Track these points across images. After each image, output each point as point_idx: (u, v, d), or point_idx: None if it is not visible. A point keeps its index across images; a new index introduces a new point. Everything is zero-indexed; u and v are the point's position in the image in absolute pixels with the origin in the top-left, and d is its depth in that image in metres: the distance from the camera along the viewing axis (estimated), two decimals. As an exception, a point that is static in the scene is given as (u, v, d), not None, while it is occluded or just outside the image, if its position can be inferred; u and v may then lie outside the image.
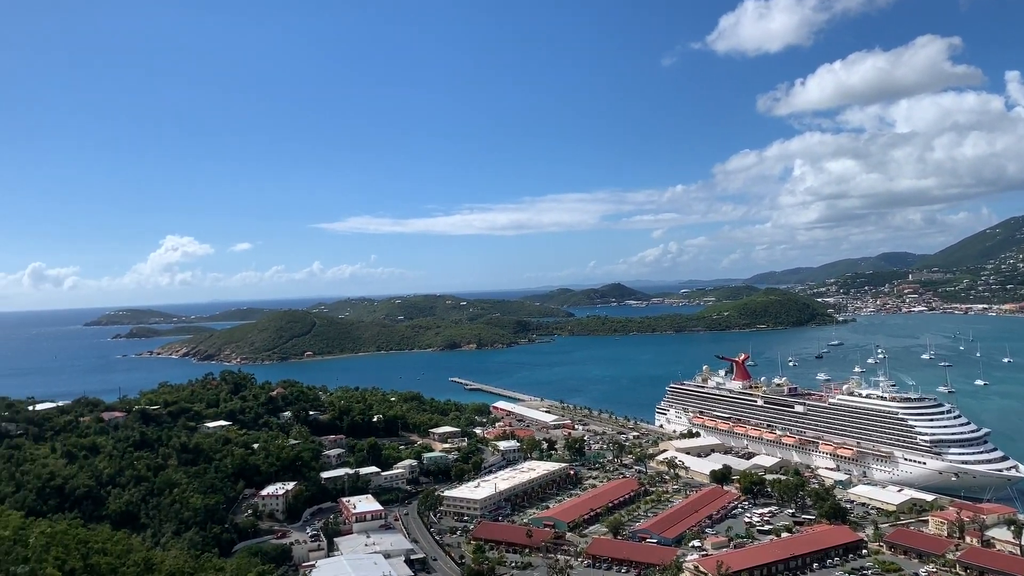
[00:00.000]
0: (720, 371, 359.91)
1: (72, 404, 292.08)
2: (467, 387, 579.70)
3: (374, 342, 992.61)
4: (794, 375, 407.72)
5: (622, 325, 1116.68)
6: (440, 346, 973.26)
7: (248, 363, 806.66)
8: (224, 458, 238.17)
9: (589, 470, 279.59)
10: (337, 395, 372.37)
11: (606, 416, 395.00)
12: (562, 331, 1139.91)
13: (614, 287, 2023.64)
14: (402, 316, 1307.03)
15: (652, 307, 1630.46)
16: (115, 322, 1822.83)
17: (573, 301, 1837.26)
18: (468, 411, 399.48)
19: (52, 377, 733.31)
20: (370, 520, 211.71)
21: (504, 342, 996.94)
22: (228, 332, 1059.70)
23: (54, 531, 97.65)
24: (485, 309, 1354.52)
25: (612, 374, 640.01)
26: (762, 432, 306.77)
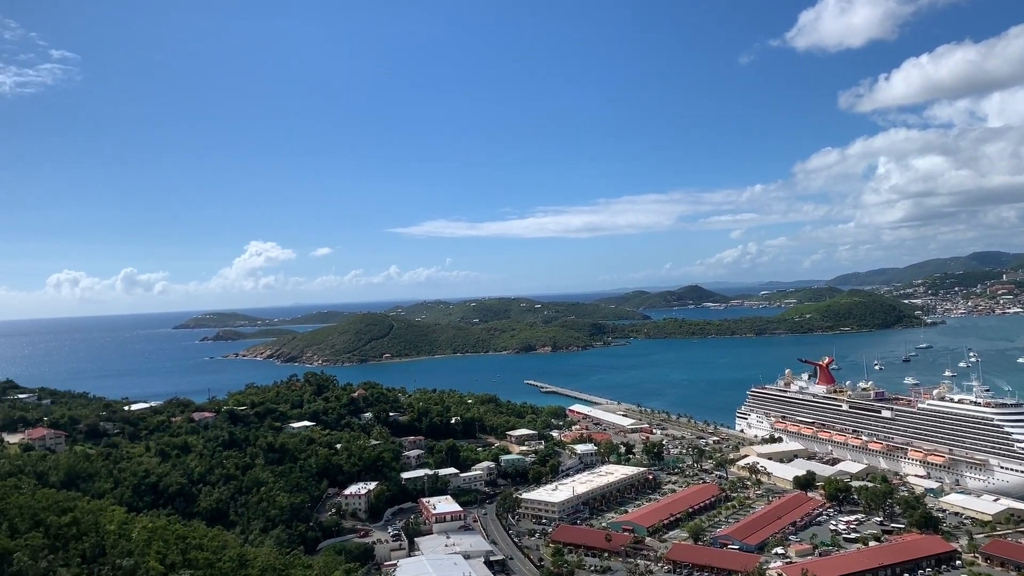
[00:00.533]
0: (803, 375, 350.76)
1: (164, 405, 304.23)
2: (542, 390, 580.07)
3: (450, 344, 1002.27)
4: (880, 379, 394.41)
5: (700, 328, 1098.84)
6: (515, 349, 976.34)
7: (329, 365, 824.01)
8: (308, 458, 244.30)
9: (668, 475, 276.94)
10: (415, 397, 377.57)
11: (685, 420, 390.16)
12: (638, 334, 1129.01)
13: (691, 289, 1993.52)
14: (477, 319, 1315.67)
15: (731, 309, 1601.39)
16: (202, 325, 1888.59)
17: (649, 303, 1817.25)
18: (544, 414, 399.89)
19: (144, 378, 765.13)
20: (450, 521, 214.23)
21: (579, 345, 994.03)
22: (310, 335, 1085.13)
23: (155, 526, 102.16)
24: (560, 312, 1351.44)
25: (690, 377, 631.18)
26: (847, 438, 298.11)
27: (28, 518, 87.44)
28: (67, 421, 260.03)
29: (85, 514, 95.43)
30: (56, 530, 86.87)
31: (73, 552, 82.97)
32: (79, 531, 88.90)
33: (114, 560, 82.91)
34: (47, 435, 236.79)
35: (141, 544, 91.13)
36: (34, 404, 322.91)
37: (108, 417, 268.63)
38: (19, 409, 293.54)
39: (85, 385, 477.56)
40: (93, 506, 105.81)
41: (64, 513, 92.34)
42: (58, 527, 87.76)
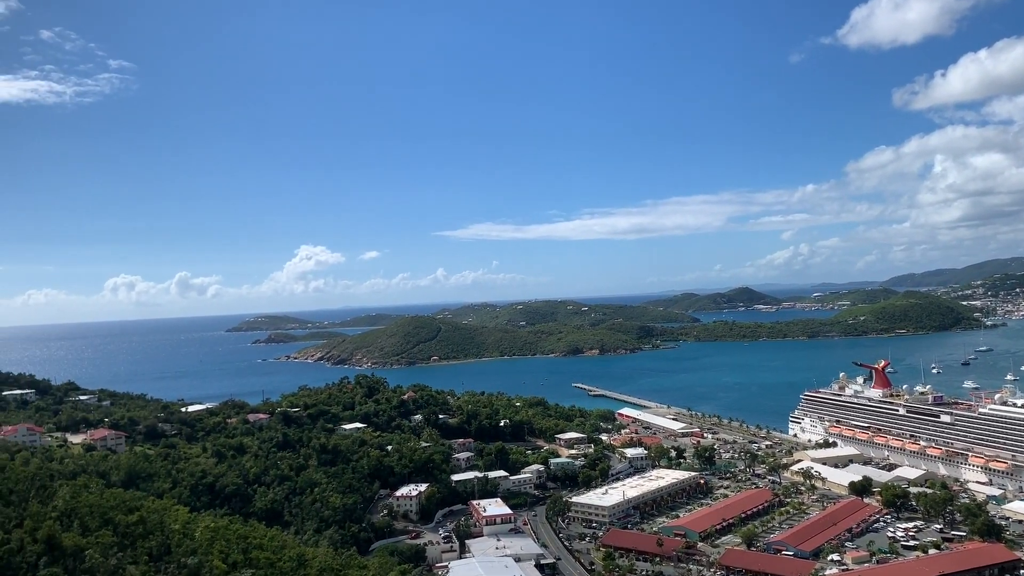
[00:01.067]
0: (858, 378, 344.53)
1: (220, 406, 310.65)
2: (590, 393, 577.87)
3: (497, 347, 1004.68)
4: (938, 383, 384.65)
5: (751, 330, 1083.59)
6: (562, 351, 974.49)
7: (378, 367, 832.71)
8: (360, 459, 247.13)
9: (720, 479, 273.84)
10: (464, 399, 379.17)
11: (736, 424, 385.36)
12: (687, 336, 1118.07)
13: (742, 291, 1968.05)
14: (524, 321, 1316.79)
15: (782, 312, 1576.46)
16: (254, 328, 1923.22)
17: (698, 306, 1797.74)
18: (593, 417, 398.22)
19: (199, 380, 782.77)
20: (500, 523, 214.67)
21: (627, 348, 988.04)
22: (359, 337, 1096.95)
23: (217, 526, 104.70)
24: (607, 314, 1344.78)
25: (741, 381, 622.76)
26: (904, 443, 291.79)
27: (98, 516, 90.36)
28: (127, 422, 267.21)
29: (151, 513, 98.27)
30: (124, 528, 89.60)
31: (141, 550, 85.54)
32: (145, 530, 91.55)
33: (179, 558, 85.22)
34: (108, 436, 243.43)
35: (204, 543, 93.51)
36: (95, 405, 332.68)
37: (166, 418, 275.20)
38: (81, 410, 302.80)
39: (143, 387, 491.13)
40: (158, 505, 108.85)
41: (131, 512, 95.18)
42: (126, 526, 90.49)
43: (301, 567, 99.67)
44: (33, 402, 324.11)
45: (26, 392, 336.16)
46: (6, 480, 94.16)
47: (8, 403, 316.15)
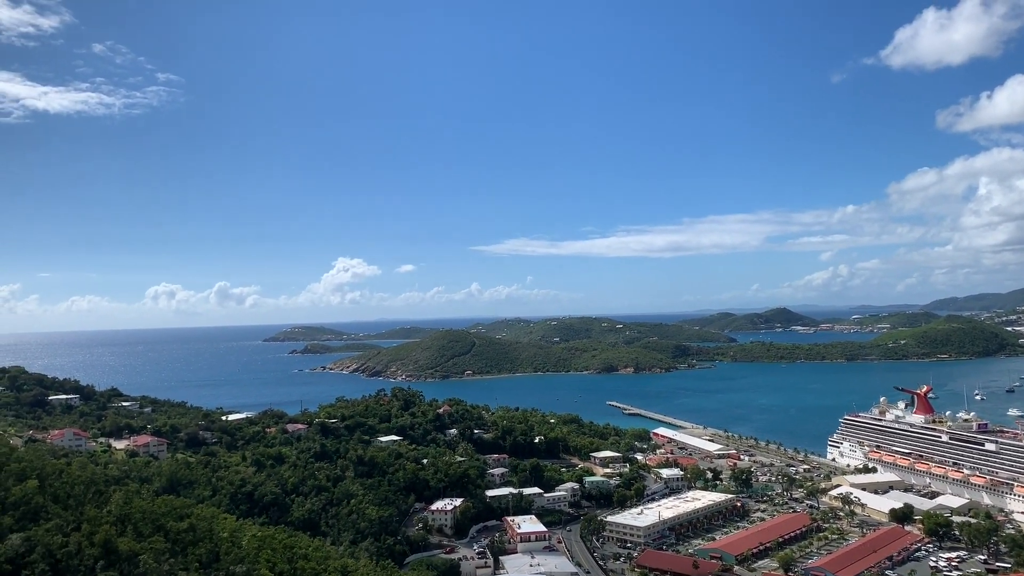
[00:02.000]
0: (899, 403, 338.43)
1: (259, 416, 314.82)
2: (625, 411, 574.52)
3: (531, 363, 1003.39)
4: (981, 410, 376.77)
5: (789, 352, 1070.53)
6: (596, 369, 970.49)
7: (412, 380, 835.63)
8: (396, 472, 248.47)
9: (756, 502, 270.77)
10: (499, 414, 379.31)
11: (773, 447, 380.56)
12: (724, 357, 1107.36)
13: (779, 312, 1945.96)
14: (557, 337, 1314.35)
15: (821, 334, 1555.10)
16: (291, 338, 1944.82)
17: (735, 326, 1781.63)
18: (627, 436, 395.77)
19: (238, 388, 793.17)
20: (534, 541, 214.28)
21: (662, 367, 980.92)
22: (394, 350, 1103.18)
23: (264, 535, 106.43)
24: (642, 332, 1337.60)
25: (779, 403, 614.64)
26: (947, 470, 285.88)
27: (150, 523, 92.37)
28: (169, 429, 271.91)
29: (200, 520, 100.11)
30: (175, 535, 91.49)
31: (191, 557, 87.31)
32: (195, 536, 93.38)
33: (227, 566, 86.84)
34: (151, 442, 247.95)
35: (252, 552, 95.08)
36: (137, 412, 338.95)
37: (207, 426, 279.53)
38: (124, 416, 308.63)
39: (183, 394, 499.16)
40: (207, 513, 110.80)
41: (181, 519, 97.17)
42: (176, 532, 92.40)
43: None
44: (78, 407, 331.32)
45: (71, 397, 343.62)
46: (64, 484, 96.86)
47: (54, 408, 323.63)
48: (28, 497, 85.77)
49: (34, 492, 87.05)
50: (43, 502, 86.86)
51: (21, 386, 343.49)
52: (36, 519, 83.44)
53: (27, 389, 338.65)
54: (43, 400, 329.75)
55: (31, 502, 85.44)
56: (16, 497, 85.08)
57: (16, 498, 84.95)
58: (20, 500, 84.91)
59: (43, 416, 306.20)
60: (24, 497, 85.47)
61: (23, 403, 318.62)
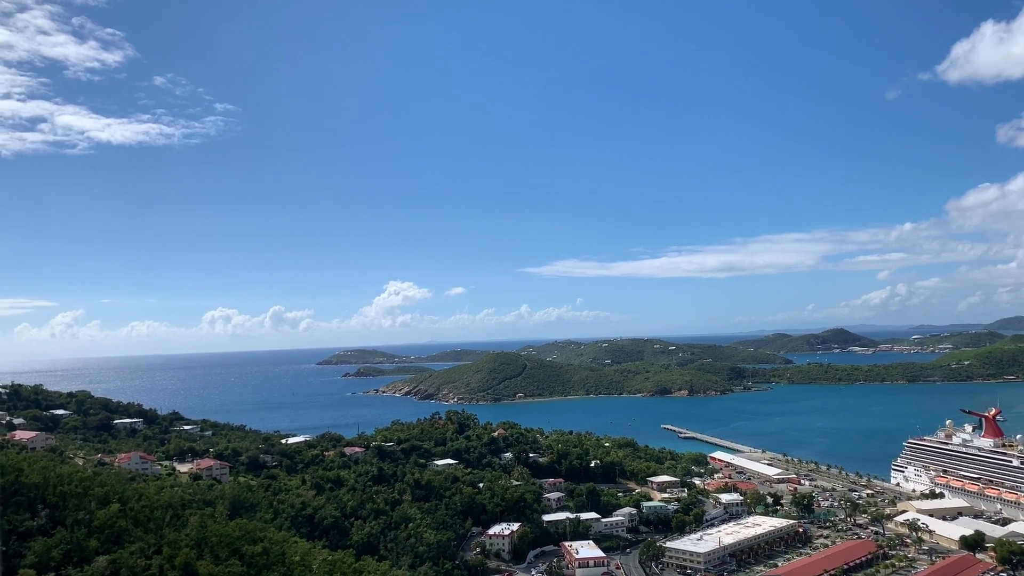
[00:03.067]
0: (966, 426, 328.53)
1: (318, 439, 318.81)
2: (681, 435, 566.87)
3: (582, 386, 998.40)
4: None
5: (847, 374, 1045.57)
6: (650, 391, 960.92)
7: (464, 403, 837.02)
8: (453, 496, 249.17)
9: (819, 528, 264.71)
10: (553, 438, 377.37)
11: (835, 471, 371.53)
12: (780, 379, 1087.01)
13: (836, 332, 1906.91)
14: (609, 360, 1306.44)
15: (880, 354, 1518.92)
16: (344, 361, 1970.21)
17: (791, 347, 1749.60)
18: (684, 460, 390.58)
19: (294, 411, 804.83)
20: (592, 567, 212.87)
21: (718, 389, 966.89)
22: (445, 373, 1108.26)
23: (334, 559, 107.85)
24: (695, 354, 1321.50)
25: (838, 426, 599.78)
26: (1019, 496, 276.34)
27: (226, 546, 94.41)
28: (230, 453, 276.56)
29: (273, 544, 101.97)
30: (249, 559, 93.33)
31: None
32: (269, 560, 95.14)
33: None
34: (213, 465, 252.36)
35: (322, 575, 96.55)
36: (198, 435, 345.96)
37: (267, 450, 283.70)
38: (186, 439, 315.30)
39: (241, 417, 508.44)
40: (279, 537, 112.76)
41: (255, 543, 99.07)
42: (251, 556, 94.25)
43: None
44: (141, 431, 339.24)
45: (135, 421, 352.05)
46: (144, 508, 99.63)
47: (119, 431, 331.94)
48: (112, 520, 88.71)
49: (117, 516, 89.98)
50: (125, 525, 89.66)
51: (87, 410, 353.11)
52: (119, 542, 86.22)
53: (93, 413, 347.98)
54: (108, 424, 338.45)
55: (114, 525, 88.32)
56: (100, 521, 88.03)
57: (100, 521, 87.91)
58: (104, 524, 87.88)
59: (109, 439, 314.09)
60: (108, 521, 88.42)
61: (90, 427, 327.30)
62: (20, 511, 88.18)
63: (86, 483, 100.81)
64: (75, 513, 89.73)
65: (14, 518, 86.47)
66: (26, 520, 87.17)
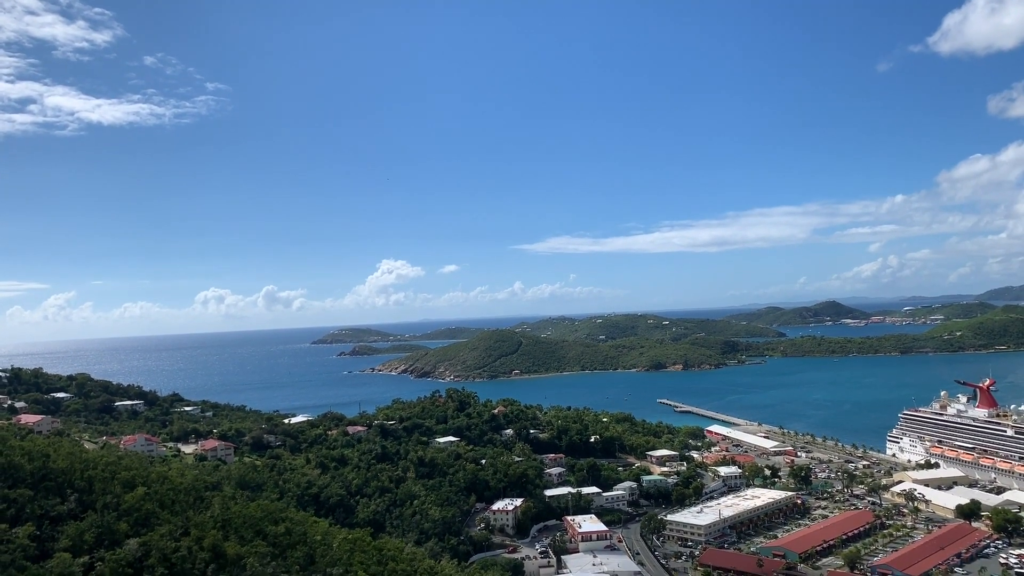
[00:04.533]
0: (960, 397, 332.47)
1: (320, 419, 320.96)
2: (677, 409, 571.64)
3: (578, 362, 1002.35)
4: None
5: (840, 346, 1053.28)
6: (644, 366, 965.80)
7: (460, 380, 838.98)
8: (456, 472, 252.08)
9: (817, 499, 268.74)
10: (553, 414, 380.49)
11: (831, 443, 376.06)
12: (774, 352, 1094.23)
13: (828, 305, 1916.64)
14: (603, 335, 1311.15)
15: (872, 326, 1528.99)
16: (338, 340, 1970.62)
17: (783, 320, 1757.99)
18: (681, 434, 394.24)
19: (292, 391, 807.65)
20: (595, 540, 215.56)
21: (712, 363, 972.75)
22: (441, 351, 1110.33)
23: (354, 538, 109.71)
24: (688, 328, 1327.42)
25: (833, 398, 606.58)
26: (1013, 465, 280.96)
27: (250, 527, 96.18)
28: (234, 433, 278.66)
29: (295, 524, 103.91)
30: (273, 539, 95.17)
31: (291, 560, 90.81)
32: (292, 540, 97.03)
33: (324, 568, 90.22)
34: (218, 446, 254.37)
35: (344, 554, 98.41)
36: (199, 416, 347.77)
37: (270, 430, 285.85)
38: (188, 421, 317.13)
39: (239, 397, 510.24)
40: (300, 517, 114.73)
41: (277, 523, 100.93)
42: (275, 536, 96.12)
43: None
44: (143, 412, 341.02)
45: (136, 403, 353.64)
46: (169, 491, 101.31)
47: (120, 413, 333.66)
48: (139, 504, 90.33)
49: (143, 499, 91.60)
50: (152, 508, 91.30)
51: (88, 393, 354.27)
52: (147, 524, 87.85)
53: (94, 396, 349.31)
54: (110, 406, 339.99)
55: (141, 508, 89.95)
56: (128, 504, 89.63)
57: (128, 505, 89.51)
58: (132, 507, 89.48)
59: (111, 422, 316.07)
60: (135, 504, 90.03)
61: (91, 409, 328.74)
62: (50, 496, 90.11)
63: (112, 467, 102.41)
64: (103, 497, 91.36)
65: (45, 503, 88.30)
66: (57, 505, 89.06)
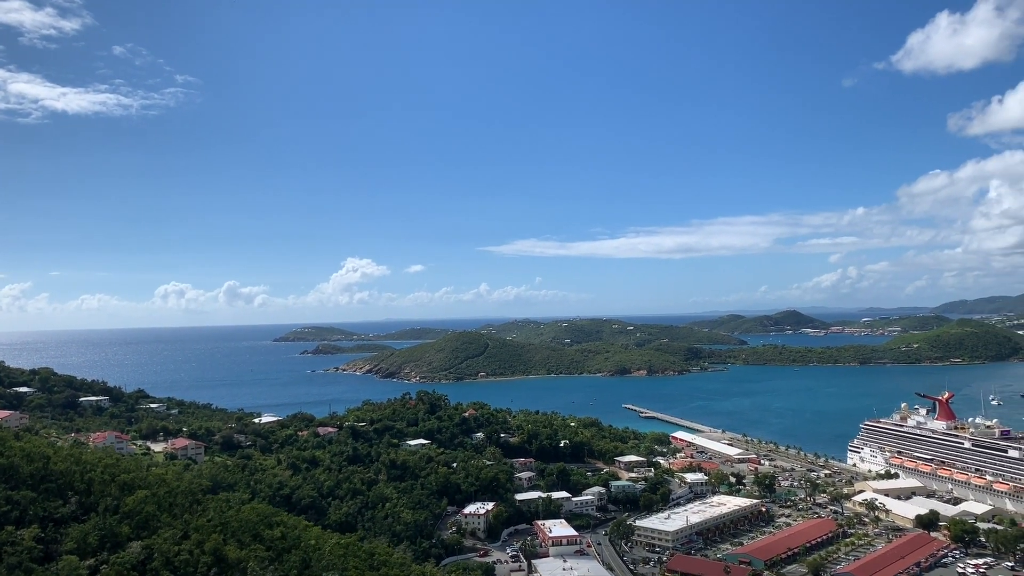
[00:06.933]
0: (920, 409, 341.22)
1: (290, 419, 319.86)
2: (642, 415, 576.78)
3: (544, 365, 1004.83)
4: (998, 415, 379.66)
5: (801, 355, 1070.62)
6: (609, 371, 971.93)
7: (426, 382, 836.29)
8: (428, 475, 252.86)
9: (780, 507, 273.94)
10: (522, 418, 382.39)
11: (793, 451, 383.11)
12: (735, 359, 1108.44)
13: (789, 314, 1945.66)
14: (568, 339, 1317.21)
15: (831, 336, 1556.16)
16: (301, 338, 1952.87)
17: (744, 328, 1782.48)
18: (647, 440, 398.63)
19: (257, 389, 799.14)
20: (565, 544, 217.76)
21: (675, 369, 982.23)
22: (407, 351, 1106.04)
23: (346, 542, 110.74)
24: (653, 334, 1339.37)
25: (795, 407, 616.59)
26: (970, 476, 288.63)
27: (247, 531, 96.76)
28: (204, 432, 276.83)
29: (289, 529, 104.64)
30: (269, 542, 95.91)
31: (288, 565, 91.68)
32: (288, 544, 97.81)
33: (320, 573, 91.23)
34: (189, 445, 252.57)
35: (337, 558, 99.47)
36: (165, 413, 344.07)
37: (240, 429, 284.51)
38: (154, 418, 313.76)
39: (204, 395, 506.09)
40: (294, 521, 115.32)
41: (273, 527, 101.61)
42: (271, 540, 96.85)
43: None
44: (108, 409, 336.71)
45: (101, 399, 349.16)
46: (167, 494, 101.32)
47: (85, 409, 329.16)
48: (139, 507, 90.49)
49: (144, 501, 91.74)
50: (153, 511, 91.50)
51: (52, 387, 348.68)
52: (148, 527, 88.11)
53: (58, 391, 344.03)
54: (74, 402, 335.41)
55: (142, 511, 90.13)
56: (129, 507, 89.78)
57: (129, 508, 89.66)
58: (133, 510, 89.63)
59: (75, 418, 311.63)
60: (136, 507, 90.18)
61: (55, 404, 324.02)
62: (51, 498, 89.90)
63: (112, 469, 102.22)
64: (103, 499, 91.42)
65: (47, 505, 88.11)
66: (59, 507, 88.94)
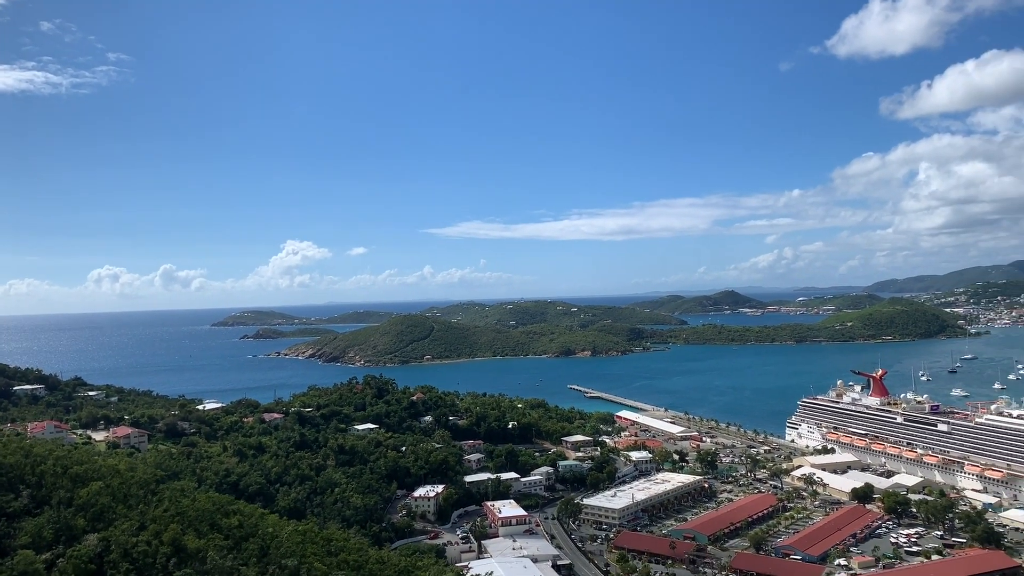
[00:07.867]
0: (855, 386, 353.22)
1: (235, 405, 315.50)
2: (587, 395, 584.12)
3: (490, 347, 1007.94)
4: (927, 390, 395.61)
5: (739, 334, 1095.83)
6: (555, 352, 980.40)
7: (371, 366, 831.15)
8: (377, 460, 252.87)
9: (722, 483, 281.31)
10: (470, 401, 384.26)
11: (734, 429, 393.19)
12: (677, 339, 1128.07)
13: (727, 294, 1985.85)
14: (513, 321, 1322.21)
15: (768, 316, 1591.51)
16: (240, 323, 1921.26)
17: (684, 308, 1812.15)
18: (593, 420, 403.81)
19: (197, 375, 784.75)
20: (515, 525, 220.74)
21: (619, 350, 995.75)
22: (351, 335, 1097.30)
23: (304, 529, 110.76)
24: (596, 315, 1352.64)
25: (734, 384, 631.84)
26: (901, 450, 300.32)
27: (205, 520, 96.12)
28: (146, 420, 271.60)
29: (246, 517, 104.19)
30: (227, 531, 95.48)
31: (247, 552, 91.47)
32: (245, 532, 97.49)
33: (279, 560, 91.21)
34: (131, 433, 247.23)
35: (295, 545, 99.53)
36: (104, 401, 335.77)
37: (184, 417, 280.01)
38: (93, 406, 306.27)
39: (143, 382, 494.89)
40: (250, 510, 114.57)
41: (230, 515, 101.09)
42: (229, 528, 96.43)
43: (383, 568, 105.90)
44: (43, 397, 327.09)
45: (36, 387, 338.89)
46: (122, 485, 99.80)
47: (20, 398, 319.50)
48: (94, 499, 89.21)
49: (99, 493, 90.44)
50: (108, 503, 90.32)
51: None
52: (103, 519, 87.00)
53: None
54: (8, 391, 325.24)
55: (97, 503, 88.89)
56: (84, 499, 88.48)
57: (84, 500, 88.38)
58: (87, 502, 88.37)
59: (9, 407, 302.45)
60: (90, 499, 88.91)
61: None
62: (2, 492, 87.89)
63: (63, 461, 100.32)
64: (57, 492, 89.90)
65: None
66: (11, 501, 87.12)
